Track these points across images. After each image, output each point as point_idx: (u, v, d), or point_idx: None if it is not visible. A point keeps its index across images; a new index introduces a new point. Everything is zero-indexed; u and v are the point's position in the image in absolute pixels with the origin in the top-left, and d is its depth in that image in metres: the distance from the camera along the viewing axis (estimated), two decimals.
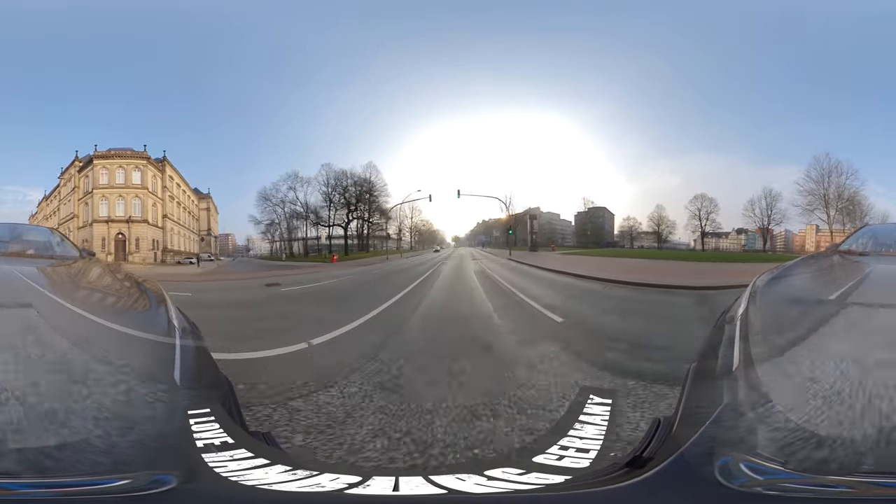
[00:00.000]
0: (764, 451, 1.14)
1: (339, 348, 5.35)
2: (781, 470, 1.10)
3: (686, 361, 1.96)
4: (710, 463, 1.15)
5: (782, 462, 1.11)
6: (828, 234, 27.23)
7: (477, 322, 7.31)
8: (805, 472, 1.08)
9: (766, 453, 1.14)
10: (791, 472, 1.09)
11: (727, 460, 1.14)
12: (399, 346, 5.50)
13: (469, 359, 4.76)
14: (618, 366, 4.23)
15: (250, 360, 4.66)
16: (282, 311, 9.37)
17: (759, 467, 1.11)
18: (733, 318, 2.00)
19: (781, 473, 1.10)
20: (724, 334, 1.90)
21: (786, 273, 2.79)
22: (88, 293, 2.65)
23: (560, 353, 4.88)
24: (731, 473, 1.11)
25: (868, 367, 1.35)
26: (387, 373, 4.13)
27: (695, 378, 1.76)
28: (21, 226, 5.01)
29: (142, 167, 25.90)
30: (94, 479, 1.09)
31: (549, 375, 3.98)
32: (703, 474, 1.14)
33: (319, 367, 4.47)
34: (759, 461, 1.12)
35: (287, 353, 5.03)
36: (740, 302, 2.18)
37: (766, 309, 2.10)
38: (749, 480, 1.09)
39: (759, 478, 1.09)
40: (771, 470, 1.10)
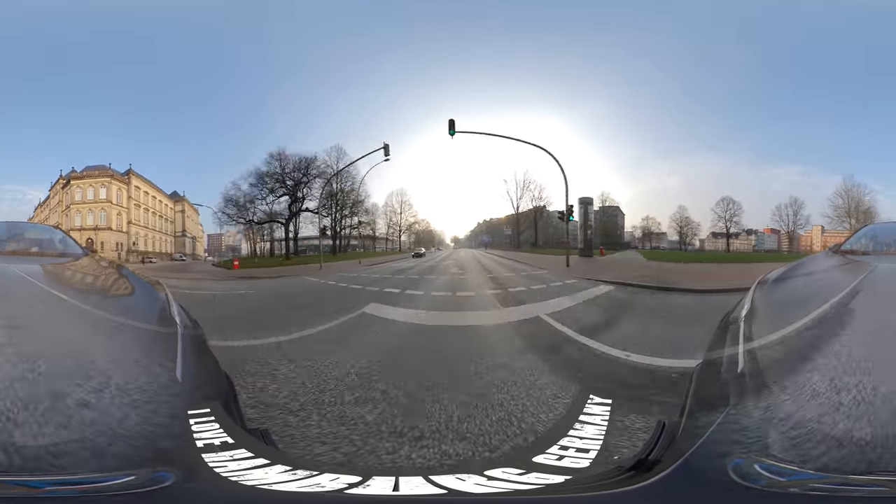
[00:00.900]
0: (778, 452, 1.14)
1: None
2: (798, 470, 1.10)
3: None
4: (722, 464, 1.14)
5: (798, 462, 1.10)
6: (831, 234, 32.52)
7: None
8: (823, 472, 1.08)
9: (780, 454, 1.13)
10: (808, 471, 1.09)
11: (740, 462, 1.14)
12: None
13: None
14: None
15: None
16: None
17: (774, 468, 1.11)
18: (737, 319, 1.99)
19: (799, 474, 1.09)
20: (728, 336, 1.89)
21: (789, 273, 2.78)
22: (91, 290, 2.65)
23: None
24: (747, 474, 1.11)
25: (877, 363, 1.35)
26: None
27: (699, 380, 1.75)
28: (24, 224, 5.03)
29: (107, 184, 31.90)
30: (94, 477, 1.09)
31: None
32: (715, 476, 1.13)
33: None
34: (773, 462, 1.12)
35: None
36: (744, 303, 2.18)
37: (770, 309, 2.09)
38: (767, 481, 1.09)
39: (777, 478, 1.09)
40: (787, 470, 1.10)
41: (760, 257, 31.15)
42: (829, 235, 32.38)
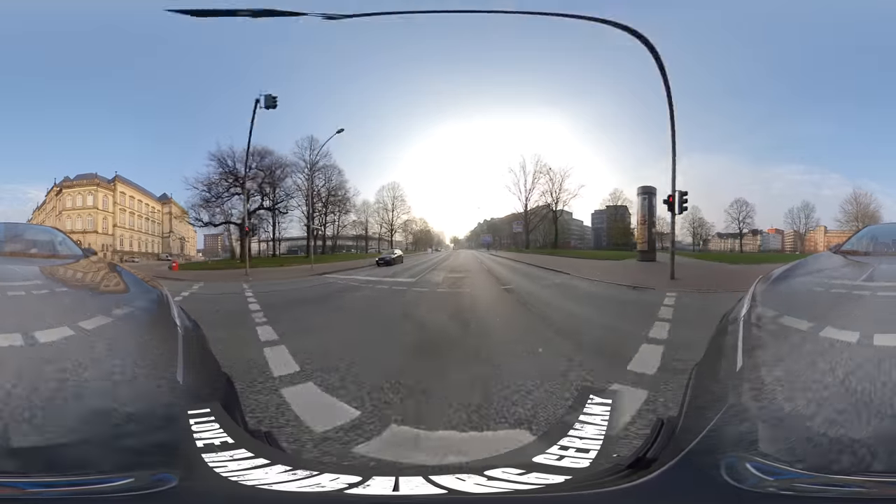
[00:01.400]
0: (772, 452, 1.14)
1: None
2: (791, 470, 1.10)
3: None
4: (716, 463, 1.15)
5: (792, 462, 1.11)
6: (833, 234, 36.57)
7: None
8: (816, 472, 1.08)
9: (774, 453, 1.13)
10: (802, 471, 1.09)
11: (734, 461, 1.14)
12: None
13: None
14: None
15: None
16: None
17: (767, 467, 1.11)
18: (736, 319, 1.99)
19: (791, 473, 1.09)
20: (727, 335, 1.90)
21: (789, 273, 2.78)
22: (91, 292, 2.65)
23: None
24: (740, 474, 1.11)
25: (874, 364, 1.35)
26: None
27: (698, 379, 1.75)
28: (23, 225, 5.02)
29: (94, 192, 35.61)
30: (94, 479, 1.09)
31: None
32: (710, 475, 1.14)
33: None
34: (767, 461, 1.12)
35: None
36: (743, 303, 2.18)
37: (769, 309, 2.10)
38: (759, 481, 1.09)
39: (769, 478, 1.09)
40: (780, 470, 1.10)
41: (793, 257, 31.61)
42: (831, 235, 35.64)
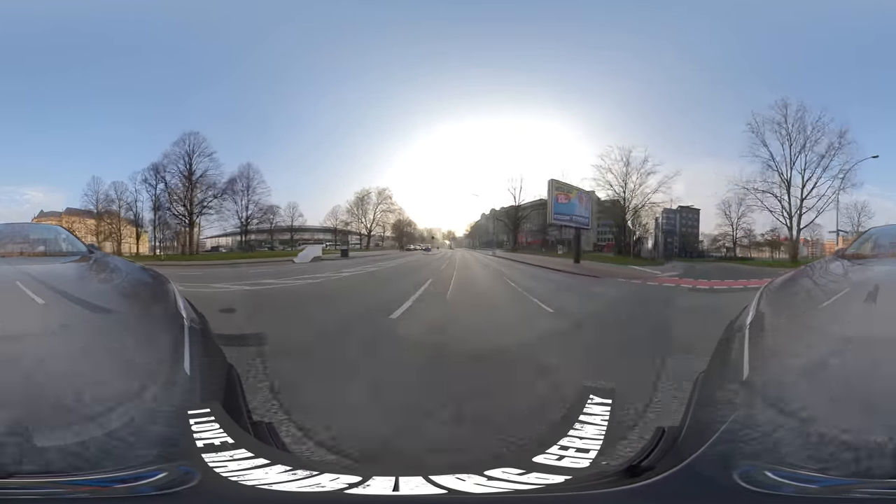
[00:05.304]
0: (783, 457, 1.14)
1: None
2: (803, 475, 1.10)
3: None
4: (728, 470, 1.14)
5: (805, 467, 1.11)
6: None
7: None
8: (830, 477, 1.08)
9: (785, 459, 1.13)
10: (815, 475, 1.09)
11: (750, 469, 1.13)
12: None
13: None
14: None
15: None
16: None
17: (785, 474, 1.11)
18: (742, 326, 1.96)
19: (804, 478, 1.09)
20: (733, 344, 1.87)
21: (794, 280, 2.75)
22: (98, 288, 2.67)
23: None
24: (756, 481, 1.11)
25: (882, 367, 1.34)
26: None
27: (703, 387, 1.73)
28: (28, 224, 5.05)
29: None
30: (94, 478, 1.10)
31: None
32: (721, 481, 1.13)
33: None
34: (784, 468, 1.12)
35: None
36: (749, 311, 2.15)
37: (776, 317, 2.08)
38: (771, 485, 1.09)
39: (789, 482, 1.09)
40: (792, 475, 1.10)
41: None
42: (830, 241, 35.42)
